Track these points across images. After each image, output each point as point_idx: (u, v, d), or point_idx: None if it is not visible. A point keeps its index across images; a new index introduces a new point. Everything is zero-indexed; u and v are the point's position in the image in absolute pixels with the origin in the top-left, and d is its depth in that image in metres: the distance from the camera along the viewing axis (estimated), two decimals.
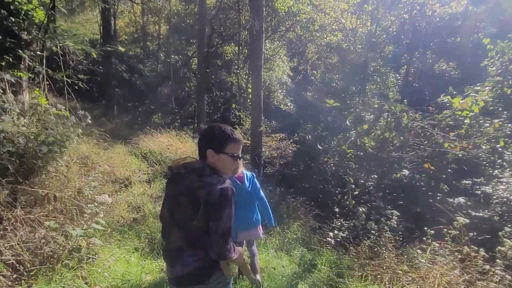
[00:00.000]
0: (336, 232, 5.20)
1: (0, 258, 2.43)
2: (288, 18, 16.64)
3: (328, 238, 5.01)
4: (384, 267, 3.68)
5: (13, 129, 3.36)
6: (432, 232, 3.76)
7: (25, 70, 5.48)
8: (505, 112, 6.40)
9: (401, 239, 4.67)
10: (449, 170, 6.16)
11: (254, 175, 3.41)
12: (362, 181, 6.56)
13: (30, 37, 3.47)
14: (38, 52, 4.37)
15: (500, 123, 5.87)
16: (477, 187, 5.70)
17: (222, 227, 1.66)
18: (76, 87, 18.20)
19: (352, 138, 6.07)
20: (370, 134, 6.37)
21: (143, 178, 6.46)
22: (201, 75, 12.52)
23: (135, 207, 5.05)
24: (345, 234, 5.23)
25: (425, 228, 3.97)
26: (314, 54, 18.73)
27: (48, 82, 6.02)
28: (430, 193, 6.14)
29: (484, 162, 6.10)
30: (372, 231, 4.85)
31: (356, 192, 6.22)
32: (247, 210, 3.27)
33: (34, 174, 3.27)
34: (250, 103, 10.94)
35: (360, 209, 5.77)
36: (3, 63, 4.98)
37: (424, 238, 3.86)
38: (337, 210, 5.79)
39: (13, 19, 4.55)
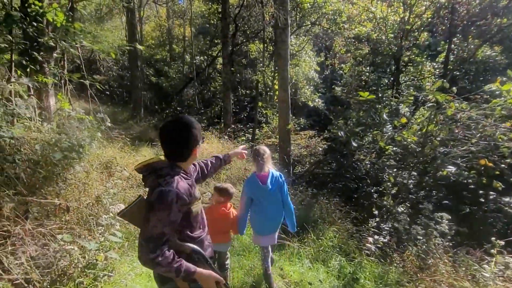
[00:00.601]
0: (376, 237, 4.70)
1: (7, 278, 2.22)
2: (314, 11, 16.12)
3: (367, 244, 4.53)
4: (441, 284, 3.16)
5: (30, 135, 3.19)
6: (502, 243, 3.19)
7: (51, 75, 5.44)
8: None
9: (451, 245, 4.12)
10: (503, 165, 5.47)
11: (283, 176, 3.18)
12: (401, 179, 5.99)
13: (46, 38, 3.29)
14: (55, 54, 4.21)
15: None
16: None
17: (148, 231, 1.50)
18: (108, 92, 18.55)
19: (390, 133, 5.52)
20: (410, 128, 5.78)
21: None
22: (226, 75, 12.29)
23: None
24: (386, 240, 4.73)
25: (489, 236, 3.40)
26: (342, 47, 18.08)
27: (71, 87, 5.91)
28: (481, 191, 5.49)
29: None
30: (418, 237, 4.32)
31: (394, 192, 5.67)
32: (273, 211, 3.09)
33: (49, 182, 3.09)
34: (277, 100, 10.55)
35: (400, 209, 5.24)
36: (28, 70, 4.93)
37: (486, 246, 3.31)
38: (376, 212, 5.28)
39: (35, 24, 4.46)
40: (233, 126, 12.31)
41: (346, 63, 18.79)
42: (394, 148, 5.69)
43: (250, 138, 12.20)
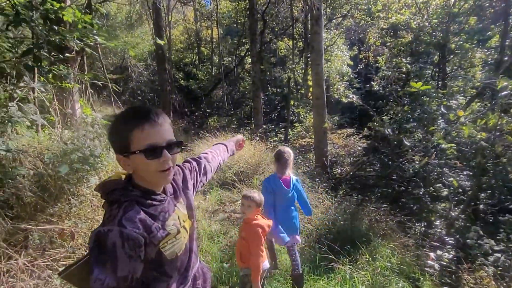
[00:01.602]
0: (438, 252, 3.98)
1: None
2: (345, 2, 15.35)
3: (429, 261, 3.82)
4: None
5: (41, 145, 2.83)
6: None
7: (74, 80, 5.19)
8: None
9: None
10: None
11: (299, 180, 3.19)
12: (462, 182, 5.18)
13: (57, 36, 2.95)
14: (67, 54, 3.88)
15: None
16: None
17: None
18: (140, 97, 18.74)
19: (448, 128, 4.74)
20: (469, 123, 4.95)
21: (198, 189, 5.83)
22: (256, 73, 11.81)
23: None
24: (451, 255, 3.99)
25: None
26: (376, 39, 17.10)
27: (106, 93, 5.61)
28: None
29: None
30: (494, 252, 3.57)
31: (457, 197, 4.88)
32: (287, 215, 3.00)
33: (58, 200, 2.70)
34: (311, 98, 9.91)
35: (461, 216, 4.46)
36: (50, 75, 4.68)
37: None
38: (437, 222, 4.53)
39: (55, 27, 4.18)
40: (264, 126, 11.80)
41: (382, 55, 17.81)
42: (455, 146, 4.88)
43: (283, 138, 11.62)
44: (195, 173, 1.50)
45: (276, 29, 17.38)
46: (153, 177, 1.11)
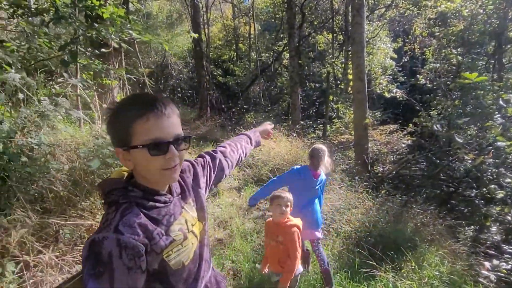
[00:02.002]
0: (495, 261, 3.57)
1: None
2: None
3: (483, 271, 3.44)
4: None
5: (77, 140, 2.88)
6: None
7: (113, 77, 5.34)
8: None
9: None
10: None
11: (327, 180, 3.32)
12: None
13: (95, 31, 2.99)
14: (103, 50, 3.95)
15: None
16: None
17: None
18: (180, 94, 19.25)
19: (507, 124, 4.24)
20: None
21: (233, 185, 5.77)
22: (293, 68, 11.57)
23: (221, 222, 4.32)
24: (510, 266, 3.56)
25: None
26: (423, 29, 16.11)
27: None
28: None
29: None
30: None
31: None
32: (311, 208, 3.05)
33: (88, 195, 2.72)
34: (351, 92, 9.51)
35: None
36: (91, 72, 4.84)
37: None
38: (494, 228, 4.09)
39: (96, 25, 4.30)
40: (301, 122, 11.55)
41: (429, 47, 16.79)
42: None
43: (321, 134, 11.29)
44: (208, 169, 1.33)
45: (315, 23, 16.96)
46: (156, 175, 0.98)
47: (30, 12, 3.61)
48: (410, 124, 9.02)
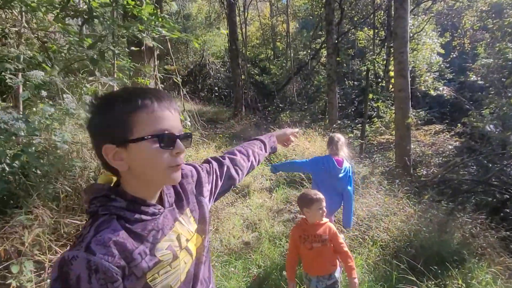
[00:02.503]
0: None
1: None
2: None
3: None
4: None
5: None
6: None
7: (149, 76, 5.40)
8: None
9: None
10: None
11: (352, 168, 3.22)
12: None
13: (123, 29, 2.99)
14: (133, 48, 3.96)
15: None
16: None
17: None
18: (217, 93, 19.60)
19: None
20: None
21: (265, 185, 5.62)
22: (331, 66, 11.20)
23: (250, 224, 4.18)
24: None
25: None
26: (474, 22, 14.99)
27: (186, 90, 5.78)
28: None
29: None
30: None
31: None
32: (330, 196, 2.78)
33: None
34: (392, 90, 9.00)
35: None
36: (127, 72, 4.92)
37: None
38: None
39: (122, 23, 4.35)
40: (339, 122, 11.13)
41: (481, 41, 15.59)
42: None
43: (359, 134, 10.81)
44: (214, 176, 1.16)
45: (355, 19, 16.40)
46: (160, 174, 0.84)
47: (75, 13, 3.71)
48: (459, 124, 8.37)
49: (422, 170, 7.66)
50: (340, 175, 3.02)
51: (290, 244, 2.49)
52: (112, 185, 0.89)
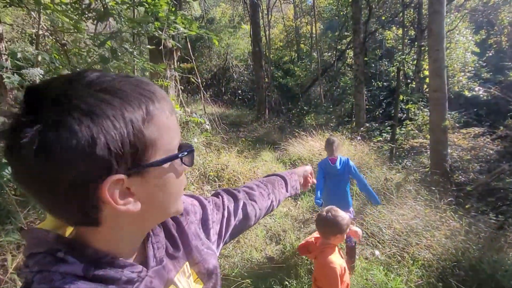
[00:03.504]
0: None
1: None
2: None
3: None
4: None
5: None
6: None
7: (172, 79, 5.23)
8: None
9: None
10: None
11: (349, 159, 3.57)
12: None
13: (134, 25, 2.79)
14: (148, 46, 3.75)
15: None
16: None
17: None
18: (240, 96, 19.61)
19: None
20: None
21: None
22: (359, 66, 10.74)
23: (274, 235, 3.86)
24: None
25: None
26: None
27: (210, 93, 5.59)
28: None
29: None
30: None
31: None
32: (337, 192, 3.44)
33: None
34: (426, 91, 8.44)
35: None
36: (147, 74, 4.77)
37: None
38: None
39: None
40: (367, 124, 10.62)
41: None
42: None
43: (389, 138, 10.24)
44: (225, 213, 0.87)
45: (383, 18, 15.84)
46: (172, 206, 0.57)
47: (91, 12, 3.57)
48: (501, 127, 7.70)
49: (460, 176, 7.08)
50: (338, 168, 3.44)
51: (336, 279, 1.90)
52: (62, 233, 0.56)
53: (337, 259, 1.95)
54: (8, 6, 2.68)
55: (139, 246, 0.60)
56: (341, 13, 17.72)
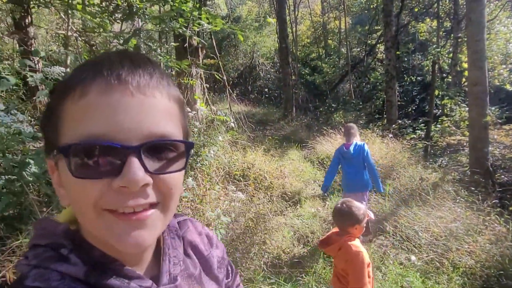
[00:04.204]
0: None
1: None
2: None
3: None
4: None
5: None
6: None
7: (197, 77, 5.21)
8: None
9: None
10: None
11: (364, 144, 3.78)
12: None
13: (156, 22, 2.76)
14: (172, 44, 3.73)
15: None
16: None
17: None
18: (267, 95, 19.53)
19: None
20: None
21: (317, 191, 5.11)
22: (390, 61, 10.31)
23: (301, 237, 3.73)
24: None
25: None
26: None
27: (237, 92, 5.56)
28: None
29: None
30: None
31: None
32: (353, 174, 3.70)
33: None
34: (465, 85, 7.97)
35: None
36: (173, 73, 4.77)
37: None
38: None
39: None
40: (399, 121, 10.20)
41: None
42: None
43: (423, 135, 9.77)
44: (230, 274, 0.74)
45: (416, 9, 15.16)
46: (93, 227, 0.43)
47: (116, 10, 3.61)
48: None
49: (502, 176, 6.62)
50: (352, 153, 3.69)
51: (363, 274, 1.85)
52: (76, 227, 0.49)
53: (362, 247, 1.93)
54: (36, 6, 2.73)
55: (149, 257, 0.52)
56: (371, 6, 17.17)
